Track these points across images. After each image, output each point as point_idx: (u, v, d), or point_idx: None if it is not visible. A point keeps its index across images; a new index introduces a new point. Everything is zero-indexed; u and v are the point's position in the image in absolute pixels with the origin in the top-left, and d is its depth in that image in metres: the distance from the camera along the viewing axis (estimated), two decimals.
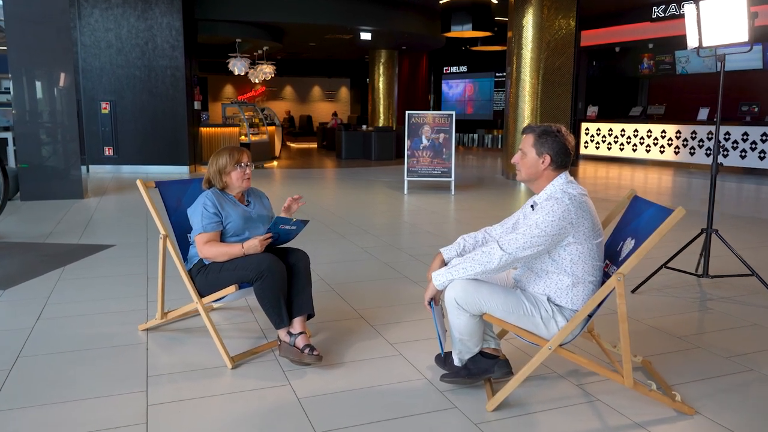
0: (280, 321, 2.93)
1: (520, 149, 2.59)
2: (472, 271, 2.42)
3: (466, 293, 2.43)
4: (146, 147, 11.88)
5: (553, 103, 10.67)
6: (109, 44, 11.59)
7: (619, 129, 14.69)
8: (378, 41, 16.80)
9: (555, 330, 2.45)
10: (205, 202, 3.03)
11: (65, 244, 5.58)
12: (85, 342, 3.23)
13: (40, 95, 8.20)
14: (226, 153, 3.10)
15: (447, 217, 7.24)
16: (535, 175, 2.54)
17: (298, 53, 20.73)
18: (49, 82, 8.22)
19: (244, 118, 13.54)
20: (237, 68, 14.63)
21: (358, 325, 3.51)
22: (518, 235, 2.39)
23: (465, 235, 2.81)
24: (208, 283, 3.00)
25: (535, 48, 10.49)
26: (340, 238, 5.93)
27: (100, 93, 11.68)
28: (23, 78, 8.08)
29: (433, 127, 9.13)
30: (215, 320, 3.59)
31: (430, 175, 9.19)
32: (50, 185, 8.20)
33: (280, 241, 3.09)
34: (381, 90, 18.74)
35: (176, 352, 3.12)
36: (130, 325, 3.48)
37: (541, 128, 2.54)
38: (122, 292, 4.12)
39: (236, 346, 3.17)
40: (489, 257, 2.39)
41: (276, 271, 2.88)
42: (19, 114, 8.10)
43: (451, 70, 20.77)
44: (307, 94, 26.54)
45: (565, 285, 2.46)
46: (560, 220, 2.36)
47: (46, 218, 6.84)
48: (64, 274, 4.55)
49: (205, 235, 2.99)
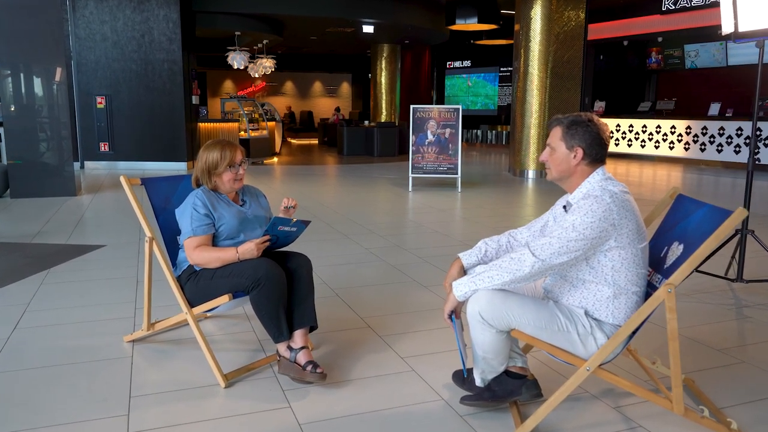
0: (280, 334, 2.61)
1: (548, 145, 2.27)
2: (499, 281, 2.11)
3: (492, 306, 2.12)
4: (143, 143, 11.56)
5: (562, 97, 10.34)
6: (105, 37, 11.27)
7: (626, 125, 14.35)
8: (380, 35, 16.46)
9: (593, 348, 2.14)
10: (194, 202, 2.71)
11: (52, 244, 5.28)
12: (63, 356, 2.92)
13: (31, 89, 7.87)
14: (218, 149, 2.77)
15: (454, 216, 6.92)
16: (568, 171, 2.23)
17: (299, 47, 20.39)
18: (40, 76, 7.90)
19: (244, 114, 13.22)
20: (236, 62, 14.30)
21: (365, 336, 3.20)
22: (552, 239, 2.07)
23: (486, 239, 2.50)
24: (199, 291, 2.69)
25: (544, 40, 10.15)
26: (343, 238, 5.62)
27: (96, 87, 11.36)
28: (13, 71, 7.76)
29: (438, 122, 8.80)
30: (208, 330, 3.28)
31: (436, 172, 8.87)
32: (41, 182, 7.88)
33: (279, 244, 2.78)
34: (383, 85, 18.41)
35: (164, 367, 2.81)
36: (115, 336, 3.18)
37: (570, 118, 2.22)
38: (109, 298, 3.82)
39: (231, 361, 2.86)
40: (519, 264, 2.08)
41: (274, 278, 2.57)
42: (8, 109, 7.77)
43: (454, 65, 20.42)
44: (308, 89, 26.19)
45: (605, 296, 2.15)
46: (600, 222, 2.05)
47: (35, 217, 6.53)
48: (48, 278, 4.24)
49: (195, 239, 2.67)
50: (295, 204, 2.93)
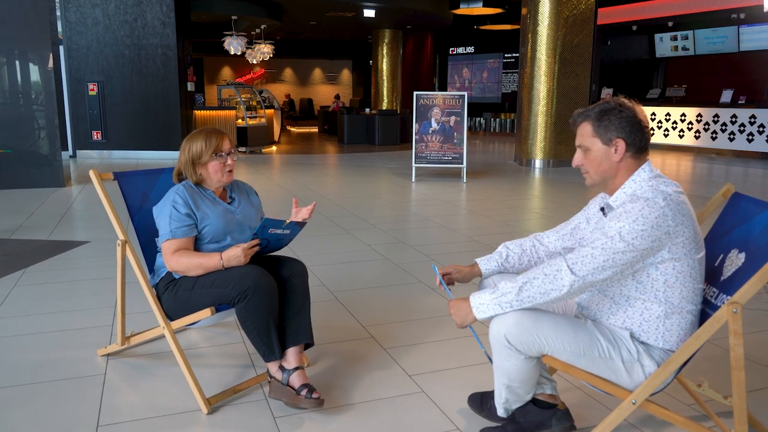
0: (270, 353, 2.28)
1: (579, 146, 1.91)
2: (529, 303, 1.77)
3: (521, 329, 1.78)
4: (137, 131, 11.18)
5: (571, 84, 9.94)
6: (96, 21, 10.85)
7: None
8: (382, 19, 16.00)
9: (640, 377, 1.80)
10: (174, 199, 2.37)
11: (32, 240, 4.94)
12: (29, 373, 2.58)
13: (17, 75, 7.49)
14: (201, 138, 2.43)
15: (460, 208, 6.57)
16: (611, 170, 1.87)
17: (298, 33, 19.92)
18: (27, 61, 7.51)
19: (241, 101, 12.84)
20: (233, 47, 13.87)
21: (368, 349, 2.86)
22: (595, 251, 1.73)
23: (508, 243, 2.16)
24: (178, 302, 2.35)
25: (552, 24, 9.74)
26: (343, 233, 5.28)
27: (87, 73, 10.96)
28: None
29: (443, 110, 8.43)
30: (191, 340, 2.95)
31: (440, 162, 8.50)
32: (28, 172, 7.53)
33: (270, 249, 2.44)
34: (384, 72, 17.98)
35: (140, 387, 2.48)
36: (89, 348, 2.84)
37: (597, 109, 1.86)
38: (88, 303, 3.48)
39: (215, 380, 2.53)
40: (554, 282, 1.74)
41: (264, 288, 2.23)
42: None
43: (457, 51, 19.95)
44: (308, 76, 25.72)
45: (654, 316, 1.81)
46: (653, 229, 1.70)
47: (18, 209, 6.19)
48: (23, 279, 3.91)
49: (173, 242, 2.33)
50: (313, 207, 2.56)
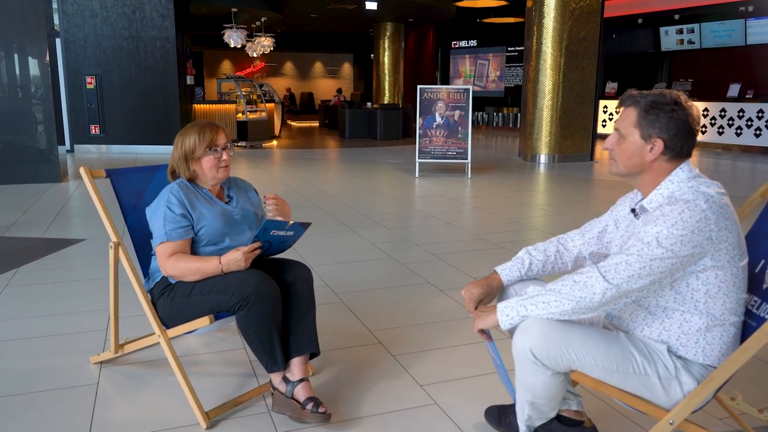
0: (273, 363, 2.13)
1: (616, 129, 1.75)
2: (557, 309, 1.62)
3: (548, 342, 1.63)
4: (135, 125, 11.01)
5: (577, 77, 9.76)
6: (94, 13, 10.66)
7: None
8: (384, 12, 15.81)
9: (678, 395, 1.65)
10: (168, 198, 2.21)
11: (26, 238, 4.78)
12: (17, 382, 2.44)
13: (11, 68, 7.32)
14: (195, 131, 2.27)
15: (466, 205, 6.42)
16: (639, 167, 1.71)
17: (299, 26, 19.71)
18: (22, 54, 7.34)
19: (241, 95, 12.66)
20: (233, 40, 13.67)
21: (376, 356, 2.71)
22: (630, 258, 1.57)
23: (530, 248, 2.00)
24: (175, 309, 2.20)
25: (558, 17, 9.55)
26: (347, 230, 5.13)
27: (85, 66, 10.79)
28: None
29: (447, 104, 8.26)
30: (190, 346, 2.80)
31: (444, 157, 8.34)
32: (24, 167, 7.37)
33: (272, 251, 2.28)
34: (386, 65, 17.78)
35: (134, 399, 2.33)
36: (82, 355, 2.70)
37: (650, 98, 1.69)
38: (81, 305, 3.33)
39: (215, 390, 2.38)
40: (585, 291, 1.58)
41: (266, 295, 2.08)
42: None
43: (459, 44, 19.75)
44: (309, 70, 25.52)
45: (694, 329, 1.65)
46: (694, 234, 1.55)
47: (14, 206, 6.03)
48: (14, 279, 3.76)
49: (169, 245, 2.18)
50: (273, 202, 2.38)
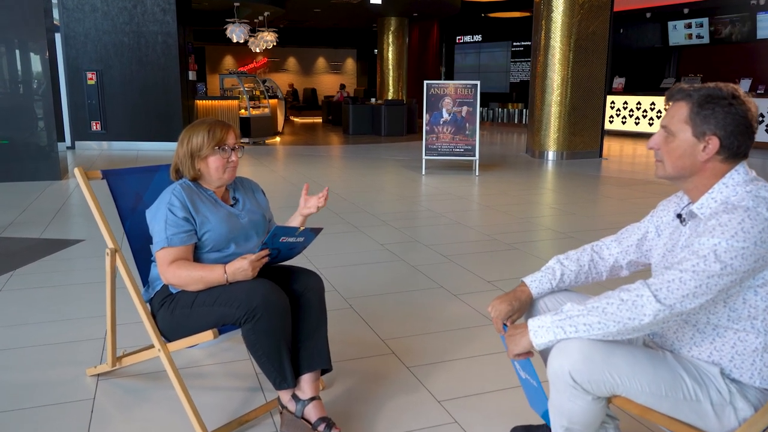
0: (282, 380, 1.97)
1: (663, 126, 1.58)
2: (601, 331, 1.46)
3: (589, 365, 1.47)
4: (137, 121, 10.86)
5: (586, 72, 9.58)
6: (94, 7, 10.50)
7: (648, 102, 13.58)
8: (388, 7, 15.61)
9: (733, 423, 1.49)
10: (170, 201, 2.05)
11: (24, 238, 4.63)
12: (7, 398, 2.29)
13: (9, 64, 7.16)
14: (203, 129, 2.11)
15: (475, 204, 6.25)
16: (690, 168, 1.54)
17: (302, 21, 19.52)
18: (20, 49, 7.18)
19: (244, 90, 12.49)
20: (235, 35, 13.50)
21: (389, 368, 2.55)
22: (684, 274, 1.41)
23: (561, 257, 1.84)
24: (176, 322, 2.04)
25: (567, 11, 9.36)
26: (353, 230, 4.97)
27: (86, 62, 10.63)
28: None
29: (454, 99, 8.08)
30: (192, 356, 2.64)
31: (452, 154, 8.17)
32: (23, 165, 7.22)
33: (281, 258, 2.12)
34: (390, 61, 17.58)
35: (133, 415, 2.18)
36: (78, 366, 2.55)
37: (704, 92, 1.52)
38: (78, 311, 3.18)
39: (219, 406, 2.23)
40: (634, 312, 1.42)
41: (274, 307, 1.92)
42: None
43: (464, 39, 19.54)
44: (312, 65, 25.31)
45: (749, 348, 1.49)
46: (757, 247, 1.38)
47: (11, 204, 5.88)
48: (10, 282, 3.61)
49: (170, 251, 2.01)
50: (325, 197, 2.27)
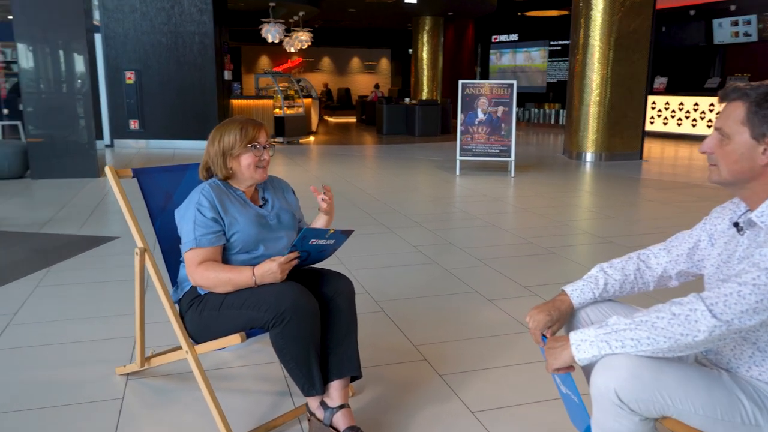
0: (310, 386, 1.91)
1: (718, 129, 1.47)
2: (650, 347, 1.35)
3: (638, 383, 1.36)
4: (174, 120, 11.01)
5: (627, 71, 9.32)
6: (133, 8, 10.68)
7: (691, 103, 13.16)
8: (423, 6, 15.52)
9: None
10: (199, 200, 2.01)
11: (61, 234, 4.70)
12: (37, 395, 2.28)
13: (51, 63, 7.32)
14: (236, 127, 2.06)
15: (510, 206, 6.12)
16: (748, 173, 1.43)
17: (337, 21, 19.56)
18: (61, 49, 7.32)
19: (278, 90, 12.55)
20: (270, 35, 13.58)
21: (421, 375, 2.48)
22: (742, 288, 1.29)
23: (605, 265, 1.73)
24: (204, 324, 2.00)
25: (608, 8, 9.12)
26: (386, 231, 4.90)
27: (125, 62, 10.83)
28: (32, 44, 7.20)
29: (490, 99, 7.95)
30: (222, 357, 2.61)
31: (487, 154, 8.04)
32: (62, 162, 7.37)
33: (311, 261, 2.06)
34: (425, 60, 17.48)
35: (160, 417, 2.15)
36: (108, 364, 2.54)
37: (763, 90, 1.40)
38: (111, 308, 3.19)
39: (247, 410, 2.18)
40: (687, 327, 1.31)
41: (304, 311, 1.86)
42: (27, 84, 7.25)
43: (500, 39, 19.30)
44: (346, 65, 25.37)
45: None
46: None
47: (51, 201, 6.00)
48: (46, 278, 3.65)
49: (198, 252, 1.97)
50: (329, 195, 2.18)
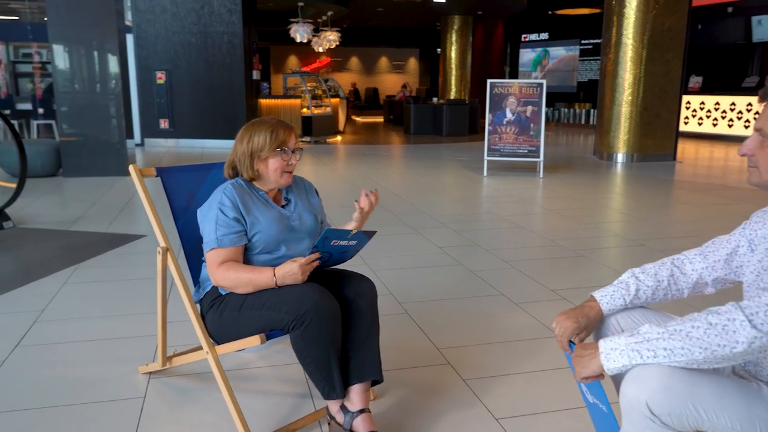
0: (331, 390, 1.88)
1: (758, 129, 1.39)
2: (685, 358, 1.28)
3: (670, 395, 1.29)
4: (203, 120, 11.13)
5: (661, 70, 9.11)
6: (164, 9, 10.83)
7: (728, 102, 12.82)
8: (452, 5, 15.42)
9: None
10: (221, 200, 1.99)
11: (90, 232, 4.76)
12: (61, 392, 2.30)
13: (83, 63, 7.45)
14: (266, 128, 2.02)
15: (538, 207, 6.01)
16: None
17: (365, 20, 19.58)
18: (93, 50, 7.45)
19: (306, 90, 12.59)
20: (299, 34, 13.65)
21: (444, 379, 2.42)
22: None
23: (636, 270, 1.66)
24: (224, 324, 1.99)
25: (642, 6, 8.92)
26: (411, 232, 4.85)
27: (156, 62, 10.98)
28: (65, 45, 7.34)
29: (519, 99, 7.84)
30: (243, 357, 2.59)
31: (515, 155, 7.93)
32: (94, 161, 7.49)
33: (332, 262, 2.03)
34: (453, 60, 17.37)
35: (181, 417, 2.14)
36: (131, 363, 2.54)
37: None
38: (137, 306, 3.20)
39: (267, 412, 2.16)
40: (725, 338, 1.24)
41: (325, 313, 1.83)
42: (61, 84, 7.39)
43: (529, 38, 19.08)
44: (374, 65, 25.38)
45: None
46: None
47: (81, 199, 6.09)
48: (74, 275, 3.69)
49: (220, 252, 1.96)
50: (375, 197, 2.18)
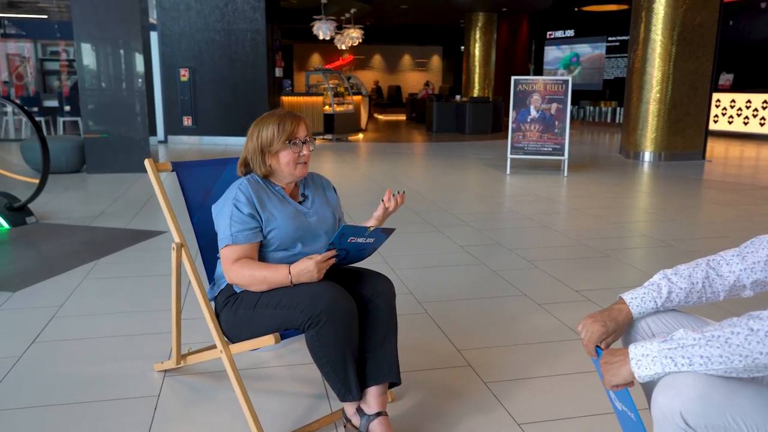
0: (347, 391, 1.82)
1: None
2: (721, 366, 1.19)
3: (707, 406, 1.21)
4: (225, 117, 11.17)
5: (691, 67, 8.88)
6: (189, 6, 10.88)
7: (760, 100, 12.48)
8: (476, 2, 15.27)
9: None
10: (236, 196, 1.95)
11: (111, 228, 4.78)
12: (77, 389, 2.27)
13: (107, 61, 7.51)
14: (273, 122, 2.00)
15: (562, 206, 5.89)
16: None
17: (388, 18, 19.50)
18: (117, 47, 7.50)
19: (329, 87, 12.56)
20: (321, 31, 13.63)
21: (464, 382, 2.35)
22: None
23: (669, 272, 1.56)
24: (238, 323, 1.94)
25: (671, 1, 8.70)
26: (432, 231, 4.77)
27: (179, 59, 11.05)
28: (89, 42, 7.40)
29: (543, 96, 7.70)
30: (258, 356, 2.55)
31: (539, 153, 7.79)
32: (117, 157, 7.55)
33: (349, 260, 1.97)
34: (477, 57, 17.20)
35: (195, 416, 2.10)
36: (147, 360, 2.52)
37: None
38: (154, 302, 3.18)
39: (282, 413, 2.11)
40: (766, 343, 1.15)
41: (341, 313, 1.77)
42: (86, 81, 7.45)
43: (555, 35, 18.82)
44: (397, 63, 25.30)
45: None
46: None
47: (103, 195, 6.13)
48: (93, 271, 3.69)
49: (234, 249, 1.91)
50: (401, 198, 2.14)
